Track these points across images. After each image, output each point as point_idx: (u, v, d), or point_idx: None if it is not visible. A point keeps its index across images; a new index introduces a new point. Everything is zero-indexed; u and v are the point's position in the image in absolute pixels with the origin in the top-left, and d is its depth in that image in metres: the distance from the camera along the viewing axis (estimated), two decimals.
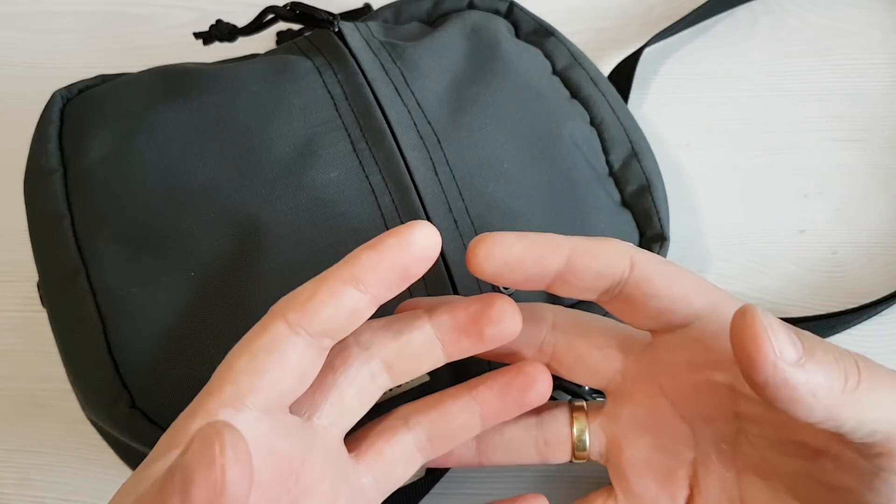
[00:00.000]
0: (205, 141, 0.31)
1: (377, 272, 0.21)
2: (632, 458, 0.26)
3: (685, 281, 0.23)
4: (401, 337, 0.24)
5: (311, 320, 0.21)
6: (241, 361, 0.21)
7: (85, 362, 0.28)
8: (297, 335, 0.21)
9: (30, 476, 0.36)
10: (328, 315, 0.21)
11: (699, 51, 0.45)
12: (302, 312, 0.21)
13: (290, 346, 0.21)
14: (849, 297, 0.38)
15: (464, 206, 0.31)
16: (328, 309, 0.21)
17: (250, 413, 0.21)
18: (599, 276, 0.23)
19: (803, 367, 0.19)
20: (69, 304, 0.29)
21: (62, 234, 0.30)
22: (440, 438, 0.26)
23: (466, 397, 0.25)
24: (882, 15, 0.45)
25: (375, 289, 0.22)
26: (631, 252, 0.23)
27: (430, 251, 0.22)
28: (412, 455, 0.26)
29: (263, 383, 0.21)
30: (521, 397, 0.25)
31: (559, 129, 0.34)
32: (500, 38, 0.36)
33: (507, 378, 0.25)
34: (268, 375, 0.21)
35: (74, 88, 0.35)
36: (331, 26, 0.35)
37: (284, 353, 0.21)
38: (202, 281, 0.29)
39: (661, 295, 0.23)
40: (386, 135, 0.31)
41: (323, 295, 0.21)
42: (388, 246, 0.21)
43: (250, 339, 0.22)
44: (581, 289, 0.24)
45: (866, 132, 0.42)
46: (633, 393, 0.26)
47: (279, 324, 0.22)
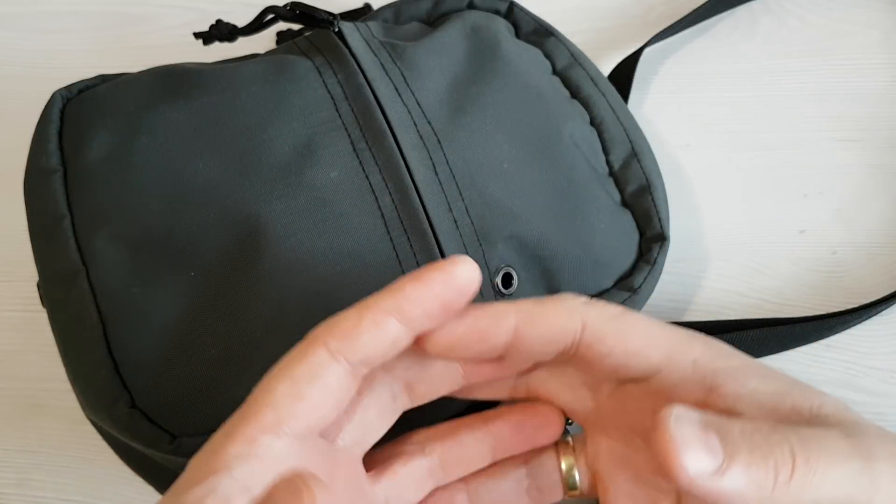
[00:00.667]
0: (205, 141, 0.31)
1: (421, 304, 0.22)
2: (616, 492, 0.26)
3: (639, 335, 0.23)
4: (424, 361, 0.25)
5: (353, 349, 0.21)
6: (282, 387, 0.21)
7: (85, 362, 0.28)
8: (337, 363, 0.22)
9: (30, 476, 0.36)
10: (370, 344, 0.22)
11: (699, 51, 0.45)
12: (344, 340, 0.21)
13: (331, 374, 0.21)
14: (848, 297, 0.38)
15: (464, 206, 0.31)
16: (370, 338, 0.21)
17: (287, 439, 0.21)
18: (550, 343, 0.23)
19: (723, 475, 0.19)
20: (69, 304, 0.29)
21: (62, 234, 0.30)
22: (452, 466, 0.26)
23: (482, 430, 0.26)
24: (882, 15, 0.45)
25: (417, 321, 0.22)
26: (582, 311, 0.23)
27: (472, 286, 0.22)
28: (425, 480, 0.26)
29: (302, 410, 0.21)
30: (534, 436, 0.26)
31: (559, 129, 0.34)
32: (500, 38, 0.36)
33: (523, 416, 0.26)
34: (307, 402, 0.21)
35: (74, 88, 0.35)
36: (331, 26, 0.35)
37: (325, 381, 0.21)
38: (202, 281, 0.29)
39: (616, 353, 0.23)
40: (386, 135, 0.31)
41: (366, 324, 0.22)
42: (433, 278, 0.22)
43: (290, 364, 0.22)
44: (534, 356, 0.24)
45: (866, 132, 0.42)
46: (608, 429, 0.26)
47: (320, 350, 0.22)
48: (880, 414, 0.35)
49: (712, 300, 0.38)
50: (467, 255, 0.30)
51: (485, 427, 0.26)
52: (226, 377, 0.28)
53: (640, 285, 0.33)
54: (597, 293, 0.32)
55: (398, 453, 0.26)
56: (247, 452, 0.20)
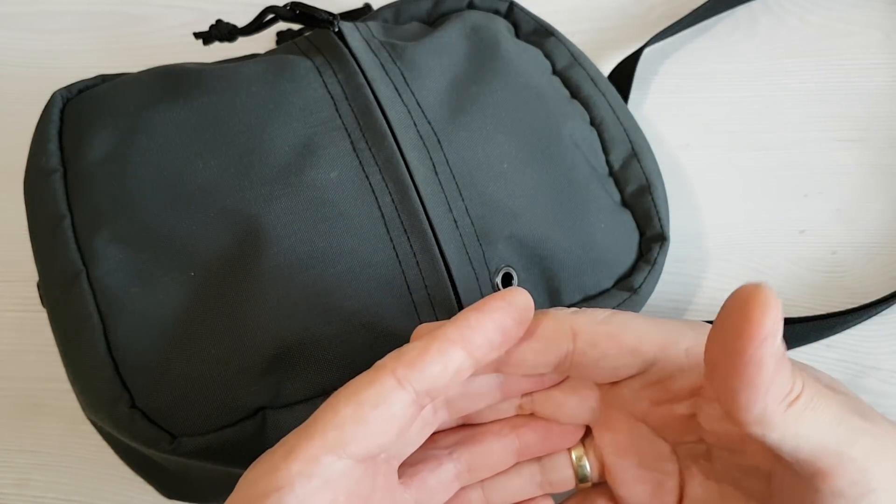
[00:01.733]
0: (205, 141, 0.31)
1: (484, 333, 0.22)
2: (622, 477, 0.27)
3: (630, 334, 0.24)
4: (468, 379, 0.25)
5: (420, 377, 0.22)
6: (348, 409, 0.22)
7: (85, 362, 0.28)
8: (403, 390, 0.22)
9: (30, 476, 0.36)
10: (435, 373, 0.22)
11: (699, 51, 0.45)
12: (411, 369, 0.22)
13: (396, 401, 0.22)
14: (848, 297, 0.38)
15: (464, 206, 0.31)
16: (436, 367, 0.22)
17: (347, 461, 0.21)
18: (543, 360, 0.24)
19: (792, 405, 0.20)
20: (69, 305, 0.29)
21: (62, 234, 0.30)
22: (478, 470, 0.27)
23: (510, 436, 0.27)
24: (882, 15, 0.45)
25: (480, 350, 0.22)
26: (570, 321, 0.24)
27: (529, 314, 0.23)
28: (451, 483, 0.27)
29: (366, 433, 0.22)
30: (558, 444, 0.27)
31: (559, 129, 0.34)
32: (500, 38, 0.36)
33: (549, 424, 0.27)
34: (372, 426, 0.22)
35: (74, 88, 0.35)
36: (331, 26, 0.35)
37: (390, 407, 0.22)
38: (202, 281, 0.29)
39: (610, 355, 0.24)
40: (386, 135, 0.31)
41: (433, 353, 0.22)
42: (495, 308, 0.23)
43: (358, 388, 0.22)
44: (528, 370, 0.25)
45: (866, 132, 0.42)
46: (611, 421, 0.27)
47: (388, 378, 0.22)
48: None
49: (712, 300, 0.38)
50: (467, 254, 0.30)
51: (512, 433, 0.27)
52: (226, 377, 0.28)
53: (640, 285, 0.33)
54: (597, 293, 0.32)
55: (427, 458, 0.26)
56: (309, 471, 0.21)
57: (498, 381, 0.26)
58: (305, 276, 0.29)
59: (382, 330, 0.29)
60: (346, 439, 0.21)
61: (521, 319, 0.23)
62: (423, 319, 0.29)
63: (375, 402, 0.22)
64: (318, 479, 0.21)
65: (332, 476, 0.21)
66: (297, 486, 0.20)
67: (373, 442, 0.22)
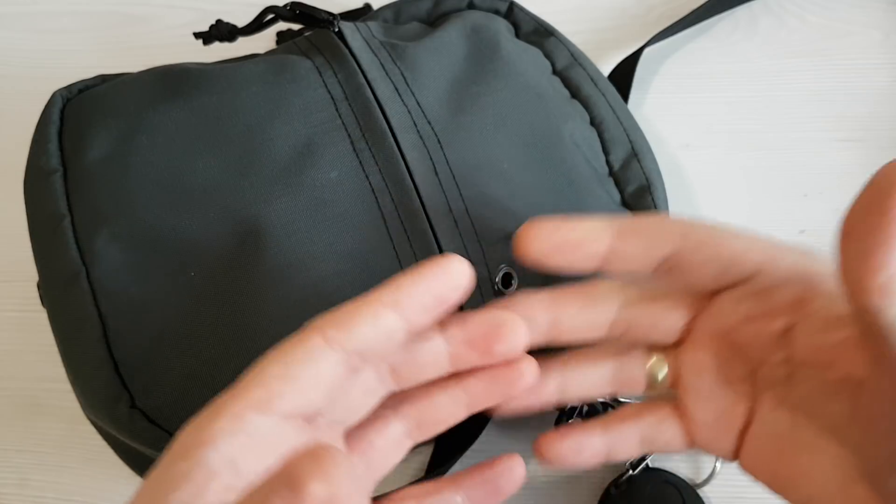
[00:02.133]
0: (205, 141, 0.31)
1: (416, 297, 0.23)
2: (695, 394, 0.27)
3: (739, 240, 0.24)
4: (412, 345, 0.25)
5: (348, 337, 0.22)
6: (275, 368, 0.22)
7: (85, 362, 0.28)
8: (332, 350, 0.22)
9: (30, 476, 0.36)
10: (365, 334, 0.22)
11: (699, 51, 0.45)
12: (340, 329, 0.22)
13: (324, 359, 0.22)
14: None
15: (464, 206, 0.31)
16: (366, 328, 0.22)
17: (274, 418, 0.21)
18: (648, 255, 0.24)
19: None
20: (69, 304, 0.29)
21: (62, 234, 0.30)
22: (428, 425, 0.26)
23: (456, 388, 0.26)
24: (882, 15, 0.45)
25: (412, 312, 0.23)
26: (681, 224, 0.24)
27: (464, 280, 0.23)
28: (401, 441, 0.26)
29: (293, 390, 0.22)
30: (508, 390, 0.26)
31: (559, 129, 0.34)
32: (501, 38, 0.36)
33: (496, 370, 0.26)
34: (298, 383, 0.22)
35: (74, 88, 0.35)
36: (331, 26, 0.35)
37: (317, 365, 0.22)
38: (202, 281, 0.29)
39: (716, 259, 0.24)
40: (386, 135, 0.31)
41: (363, 314, 0.22)
42: (428, 274, 0.23)
43: (285, 348, 0.22)
44: (632, 268, 0.24)
45: (866, 132, 0.42)
46: (698, 336, 0.26)
47: (316, 337, 0.22)
48: None
49: None
50: (468, 254, 0.30)
51: (458, 385, 0.26)
52: (226, 377, 0.28)
53: None
54: None
55: (372, 420, 0.26)
56: (233, 428, 0.21)
57: (446, 350, 0.25)
58: (305, 276, 0.29)
59: None
60: (272, 397, 0.21)
61: (455, 285, 0.23)
62: None
63: (302, 359, 0.22)
64: (242, 436, 0.21)
65: (258, 433, 0.21)
66: (220, 442, 0.20)
67: (300, 400, 0.22)
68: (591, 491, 0.35)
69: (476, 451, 0.33)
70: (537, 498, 0.35)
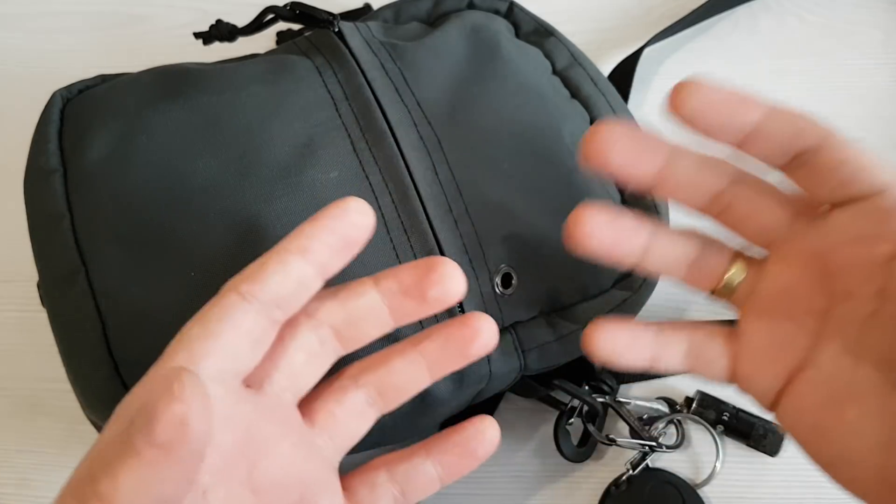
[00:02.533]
0: (205, 141, 0.31)
1: (320, 239, 0.23)
2: (760, 313, 0.25)
3: (872, 157, 0.23)
4: (347, 303, 0.25)
5: (262, 288, 0.23)
6: (194, 329, 0.22)
7: (85, 362, 0.28)
8: (248, 303, 0.23)
9: (29, 476, 0.36)
10: (277, 282, 0.23)
11: (699, 51, 0.45)
12: (252, 282, 0.23)
13: (242, 313, 0.23)
14: None
15: (464, 206, 0.31)
16: (277, 276, 0.23)
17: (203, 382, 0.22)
18: (792, 141, 0.23)
19: None
20: (69, 304, 0.29)
21: (62, 234, 0.30)
22: (390, 392, 0.26)
23: (413, 352, 0.26)
24: (883, 15, 0.45)
25: (320, 255, 0.23)
26: (825, 125, 0.23)
27: (366, 218, 0.24)
28: (364, 411, 0.26)
29: (216, 348, 0.22)
30: (465, 349, 0.26)
31: (559, 129, 0.34)
32: (500, 38, 0.36)
33: (450, 330, 0.26)
34: (220, 340, 0.22)
35: (74, 88, 0.35)
36: (331, 26, 0.35)
37: (236, 320, 0.22)
38: (202, 281, 0.29)
39: (849, 166, 0.23)
40: (386, 135, 0.31)
41: (272, 264, 0.23)
42: (328, 215, 0.24)
43: (204, 310, 0.23)
44: (772, 150, 0.24)
45: (867, 132, 0.42)
46: (788, 254, 0.25)
47: (231, 294, 0.23)
48: None
49: None
50: (468, 254, 0.30)
51: (415, 349, 0.26)
52: None
53: (640, 285, 0.33)
54: (596, 293, 0.32)
55: (332, 392, 0.26)
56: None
57: (383, 303, 0.25)
58: None
59: None
60: (197, 357, 0.22)
61: (358, 224, 0.24)
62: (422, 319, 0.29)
63: (220, 316, 0.22)
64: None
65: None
66: None
67: (226, 356, 0.22)
68: (591, 491, 0.35)
69: None
70: (537, 497, 0.35)
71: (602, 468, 0.35)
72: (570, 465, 0.35)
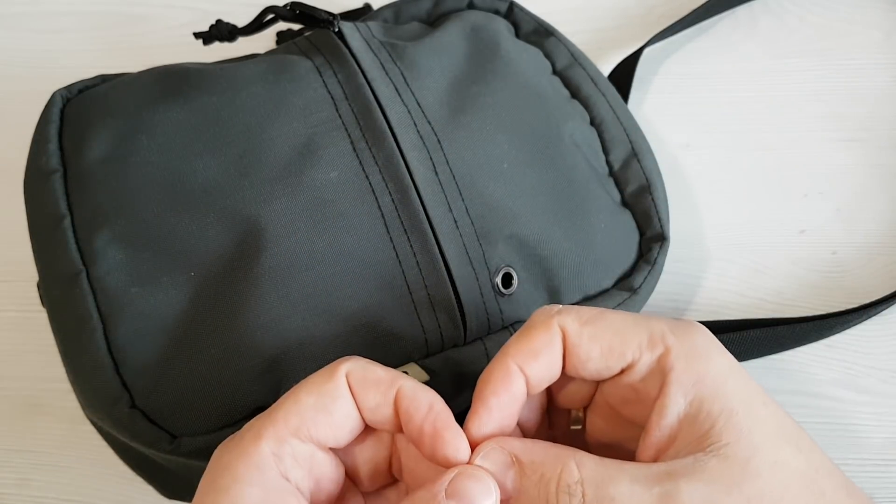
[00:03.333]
0: (205, 141, 0.31)
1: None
2: (597, 437, 0.27)
3: (611, 335, 0.24)
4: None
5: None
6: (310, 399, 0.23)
7: (85, 362, 0.28)
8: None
9: (30, 476, 0.36)
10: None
11: (699, 51, 0.45)
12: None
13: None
14: (848, 297, 0.38)
15: (464, 206, 0.31)
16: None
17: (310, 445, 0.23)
18: (552, 367, 0.24)
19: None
20: (69, 304, 0.29)
21: (62, 234, 0.30)
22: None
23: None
24: (882, 15, 0.45)
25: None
26: (558, 320, 0.24)
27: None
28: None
29: (326, 423, 0.23)
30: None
31: (559, 129, 0.34)
32: (500, 38, 0.37)
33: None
34: (331, 417, 0.23)
35: (74, 88, 0.35)
36: (331, 26, 0.35)
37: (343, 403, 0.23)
38: (202, 281, 0.29)
39: (594, 356, 0.24)
40: (386, 135, 0.31)
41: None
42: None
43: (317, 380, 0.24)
44: (548, 381, 0.25)
45: (866, 132, 0.42)
46: (599, 410, 0.27)
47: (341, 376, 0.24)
48: (880, 414, 0.35)
49: (712, 300, 0.38)
50: (467, 254, 0.30)
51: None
52: (226, 377, 0.28)
53: (640, 285, 0.33)
54: (597, 293, 0.32)
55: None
56: (279, 451, 0.22)
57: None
58: (305, 276, 0.29)
59: (382, 330, 0.29)
60: (307, 425, 0.23)
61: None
62: (422, 319, 0.29)
63: (334, 396, 0.23)
64: (288, 459, 0.22)
65: (301, 456, 0.23)
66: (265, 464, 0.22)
67: (331, 431, 0.23)
68: None
69: None
70: None
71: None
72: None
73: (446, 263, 0.30)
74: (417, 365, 0.30)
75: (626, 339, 0.24)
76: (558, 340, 0.24)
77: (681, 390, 0.23)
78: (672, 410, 0.23)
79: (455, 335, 0.30)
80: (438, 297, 0.29)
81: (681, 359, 0.23)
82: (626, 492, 0.21)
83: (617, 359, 0.24)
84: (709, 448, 0.22)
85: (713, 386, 0.23)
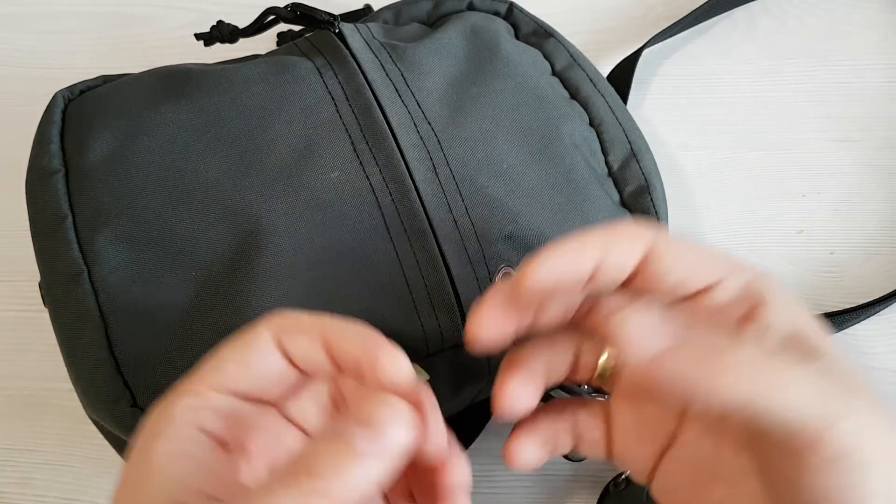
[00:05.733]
0: (206, 141, 0.31)
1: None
2: (624, 397, 0.26)
3: (696, 253, 0.23)
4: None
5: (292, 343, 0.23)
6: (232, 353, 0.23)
7: (86, 361, 0.29)
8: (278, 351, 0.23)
9: (31, 475, 0.36)
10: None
11: (698, 52, 0.45)
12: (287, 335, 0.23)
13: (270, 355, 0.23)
14: (846, 296, 0.38)
15: (463, 206, 0.31)
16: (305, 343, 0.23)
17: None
18: (623, 271, 0.23)
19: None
20: (71, 304, 0.29)
21: (64, 234, 0.30)
22: None
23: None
24: (880, 16, 0.45)
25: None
26: (646, 236, 0.23)
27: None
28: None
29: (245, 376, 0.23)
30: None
31: (558, 129, 0.34)
32: (500, 39, 0.37)
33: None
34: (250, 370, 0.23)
35: (76, 89, 0.35)
36: (331, 27, 0.35)
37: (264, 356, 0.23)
38: (203, 280, 0.29)
39: (675, 270, 0.23)
40: (386, 135, 0.31)
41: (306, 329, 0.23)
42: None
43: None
44: (609, 282, 0.24)
45: (864, 132, 0.42)
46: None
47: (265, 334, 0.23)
48: None
49: None
50: (467, 254, 0.30)
51: None
52: None
53: None
54: None
55: None
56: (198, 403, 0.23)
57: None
58: (305, 276, 0.29)
59: (382, 329, 0.29)
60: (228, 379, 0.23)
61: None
62: (422, 319, 0.30)
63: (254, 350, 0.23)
64: (206, 412, 0.23)
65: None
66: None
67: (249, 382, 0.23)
68: (589, 489, 0.35)
69: (475, 450, 0.34)
70: (537, 495, 0.35)
71: (601, 467, 0.35)
72: (568, 463, 0.35)
73: (446, 263, 0.30)
74: (417, 365, 0.30)
75: (711, 260, 0.23)
76: (642, 241, 0.23)
77: (781, 316, 0.22)
78: (775, 331, 0.22)
79: (455, 335, 0.30)
80: (438, 296, 0.30)
81: (774, 292, 0.23)
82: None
83: (701, 273, 0.23)
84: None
85: (812, 328, 0.22)
